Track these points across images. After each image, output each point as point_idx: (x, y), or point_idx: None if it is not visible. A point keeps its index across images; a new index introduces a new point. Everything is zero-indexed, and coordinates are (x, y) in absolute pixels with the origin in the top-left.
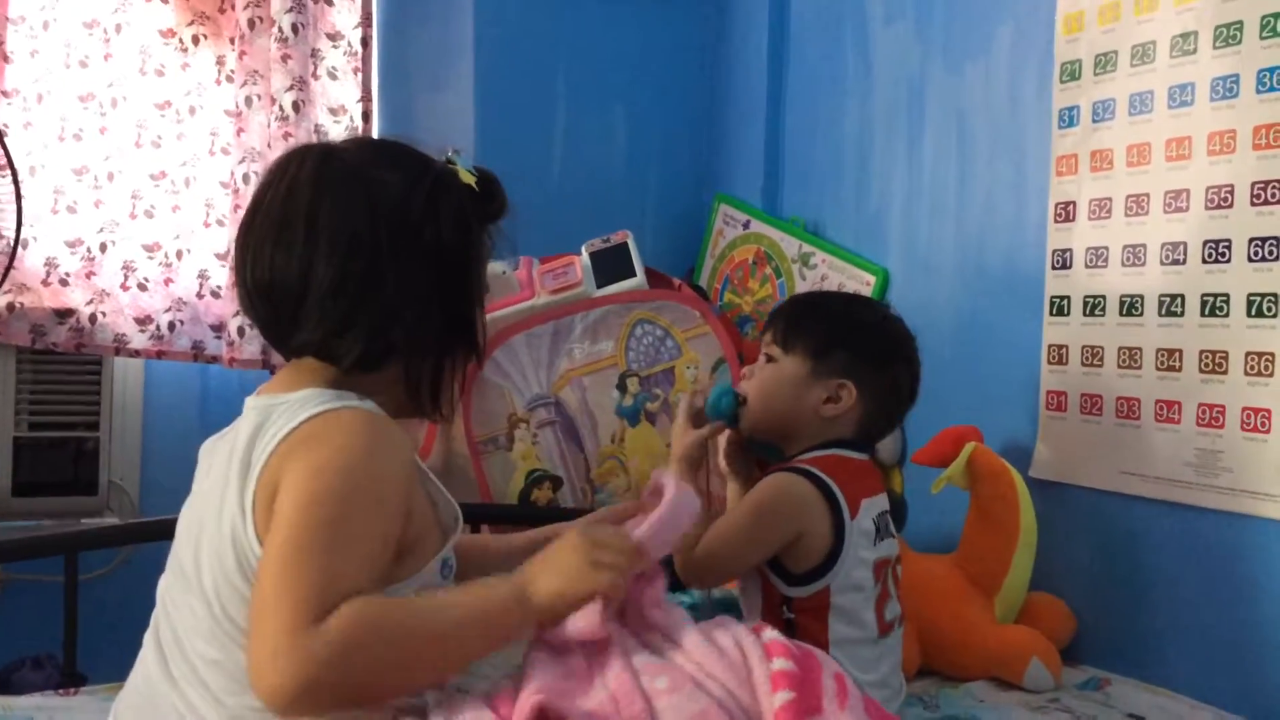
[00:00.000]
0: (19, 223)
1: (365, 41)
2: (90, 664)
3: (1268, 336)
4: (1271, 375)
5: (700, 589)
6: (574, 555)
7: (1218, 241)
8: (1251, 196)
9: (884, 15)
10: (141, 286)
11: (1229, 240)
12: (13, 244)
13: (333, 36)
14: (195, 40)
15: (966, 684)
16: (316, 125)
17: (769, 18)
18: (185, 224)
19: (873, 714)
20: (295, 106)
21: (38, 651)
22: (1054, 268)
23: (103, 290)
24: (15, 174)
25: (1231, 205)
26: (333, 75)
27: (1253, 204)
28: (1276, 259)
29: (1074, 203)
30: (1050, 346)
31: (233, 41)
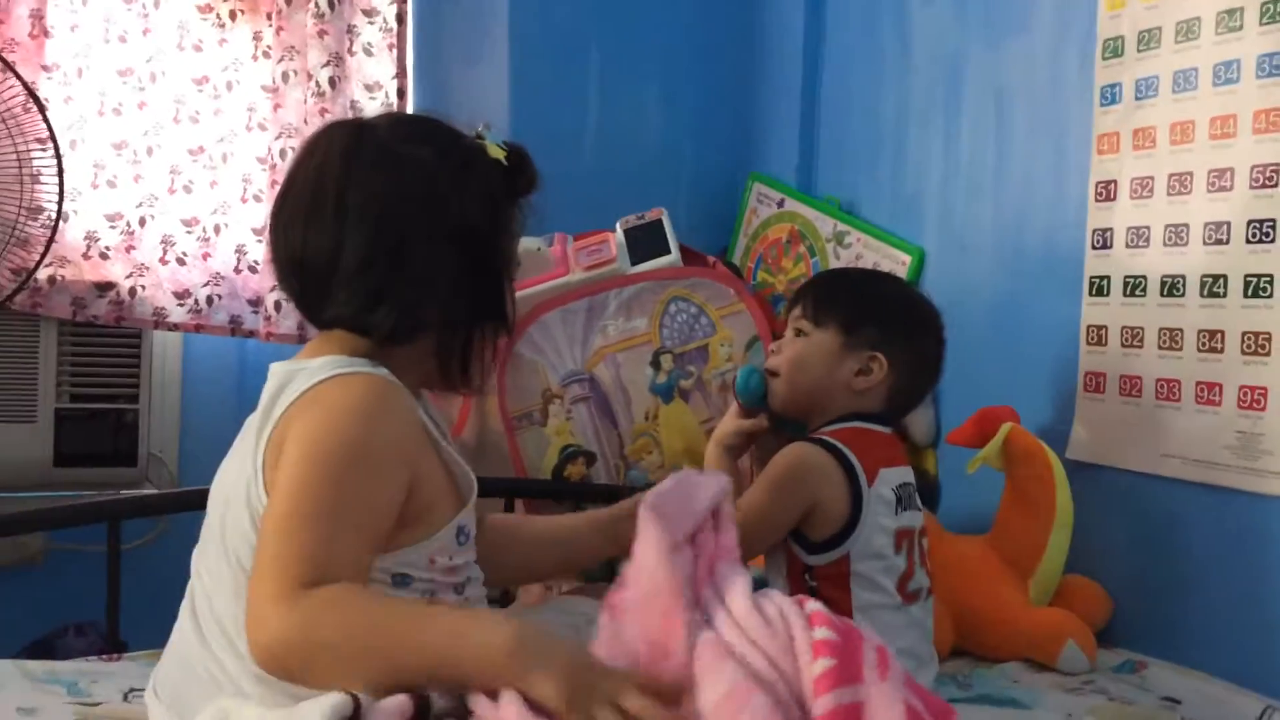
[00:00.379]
0: (60, 196)
1: (400, 18)
2: (131, 631)
3: None
4: None
5: None
6: (592, 681)
7: (1262, 221)
8: None
9: None
10: (180, 261)
11: (1273, 220)
12: (55, 217)
13: (368, 13)
14: (233, 15)
15: (1001, 665)
16: (352, 101)
17: None
18: (223, 199)
19: (914, 690)
20: (331, 82)
21: (80, 619)
22: (1094, 247)
23: (142, 264)
24: (57, 147)
25: (1276, 185)
26: (368, 51)
27: None
28: None
29: (1115, 181)
30: (1089, 327)
31: (269, 17)
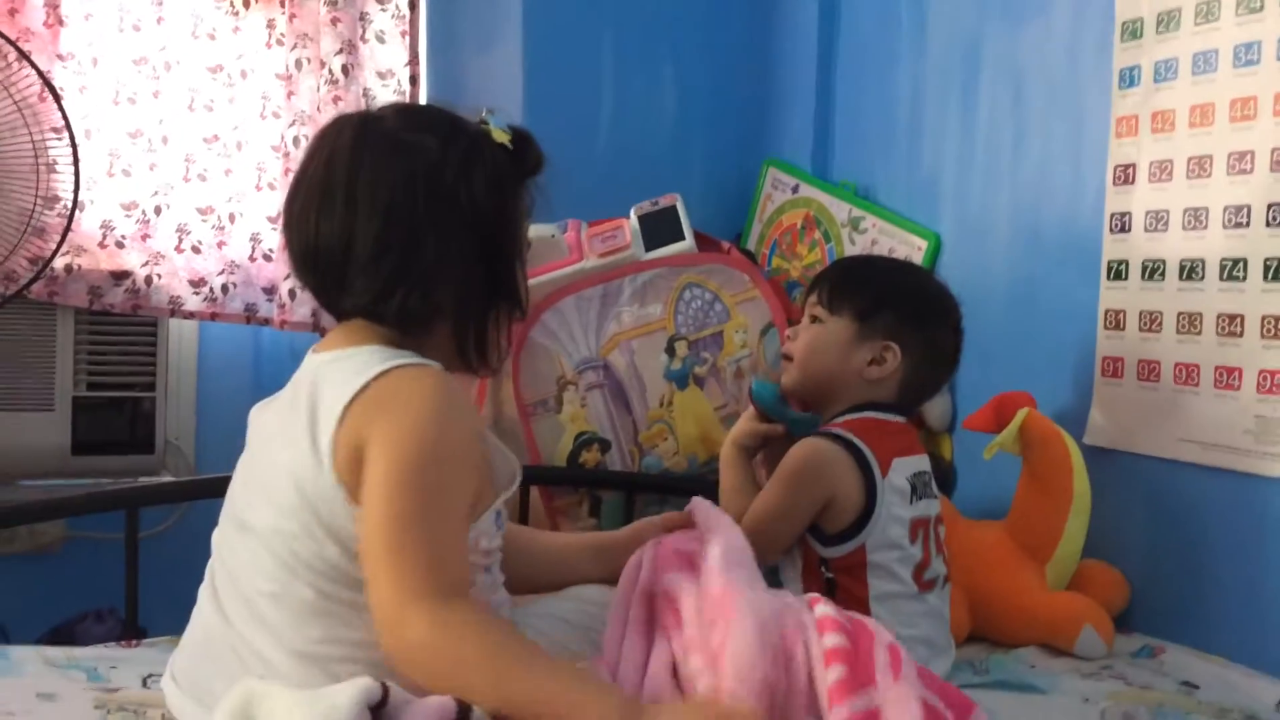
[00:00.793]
0: (76, 184)
1: (413, 4)
2: (149, 617)
3: None
4: None
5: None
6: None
7: None
8: None
9: None
10: (195, 249)
11: None
12: (71, 206)
13: (381, 0)
14: (246, 3)
15: (1017, 650)
16: (365, 89)
17: None
18: (237, 187)
19: (928, 683)
20: (344, 70)
21: (99, 605)
22: (1112, 231)
23: (158, 253)
24: (73, 136)
25: None
26: (381, 39)
27: None
28: None
29: (1134, 165)
30: (1107, 312)
31: (282, 4)
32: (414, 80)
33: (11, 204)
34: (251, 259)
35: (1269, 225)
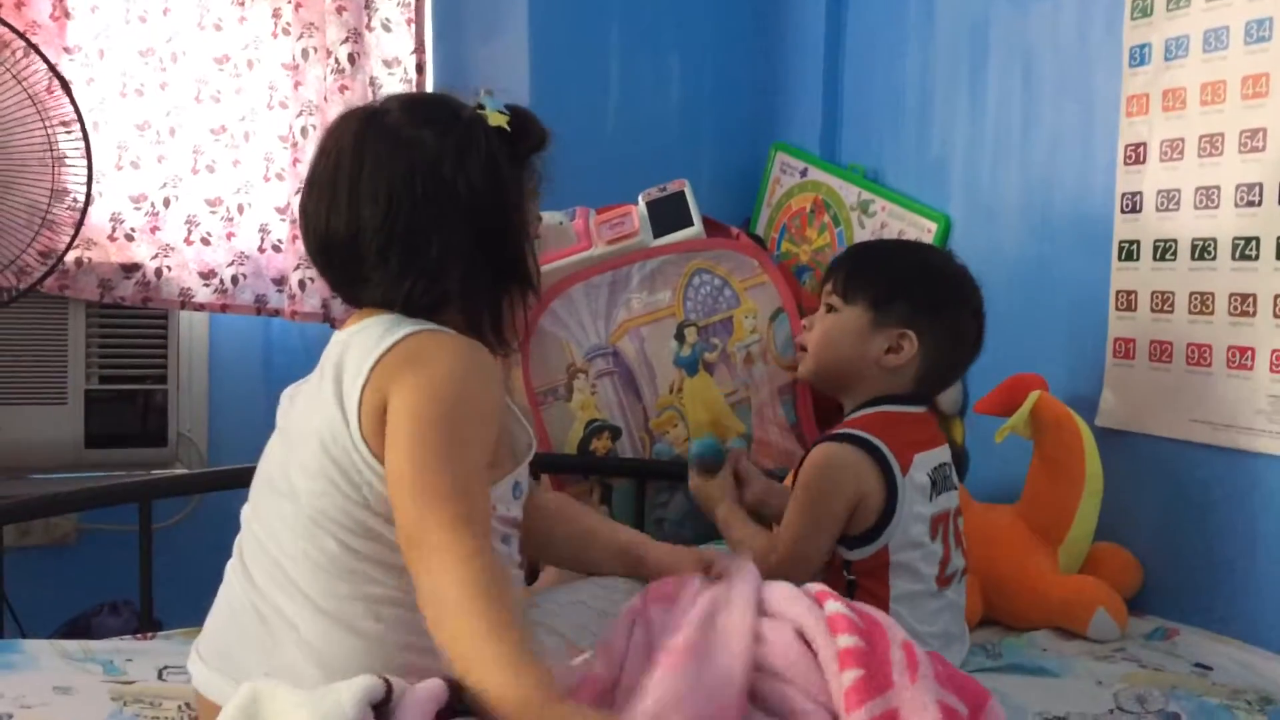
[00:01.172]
0: (89, 178)
1: None
2: (164, 609)
3: None
4: None
5: None
6: None
7: None
8: None
9: None
10: (204, 241)
11: None
12: (84, 199)
13: None
14: None
15: (1030, 633)
16: (372, 77)
17: None
18: (245, 178)
19: (943, 680)
20: (350, 59)
21: (114, 598)
22: (1123, 211)
23: (167, 245)
24: (84, 128)
25: None
26: (386, 27)
27: None
28: None
29: (1145, 144)
30: (1118, 292)
31: None
32: (420, 68)
33: (22, 198)
34: (261, 250)
35: None
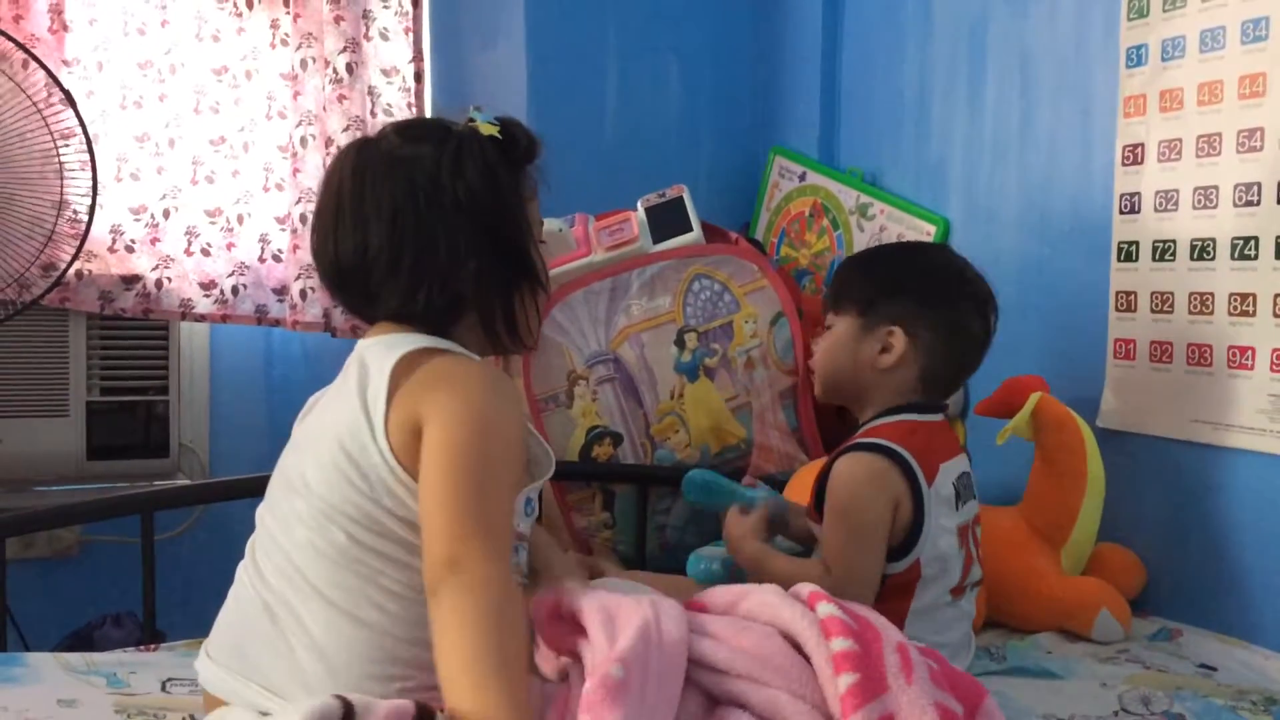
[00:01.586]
0: (94, 189)
1: (416, 1)
2: (167, 620)
3: None
4: None
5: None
6: None
7: None
8: None
9: None
10: (205, 252)
11: None
12: (89, 210)
13: None
14: (249, 4)
15: (1034, 635)
16: (370, 87)
17: None
18: (245, 188)
19: (940, 680)
20: (349, 68)
21: (117, 610)
22: (1122, 212)
23: (167, 256)
24: (89, 139)
25: None
26: (384, 36)
27: None
28: None
29: (1142, 144)
30: (1118, 293)
31: (286, 4)
32: (419, 77)
33: (24, 211)
34: (261, 260)
35: None
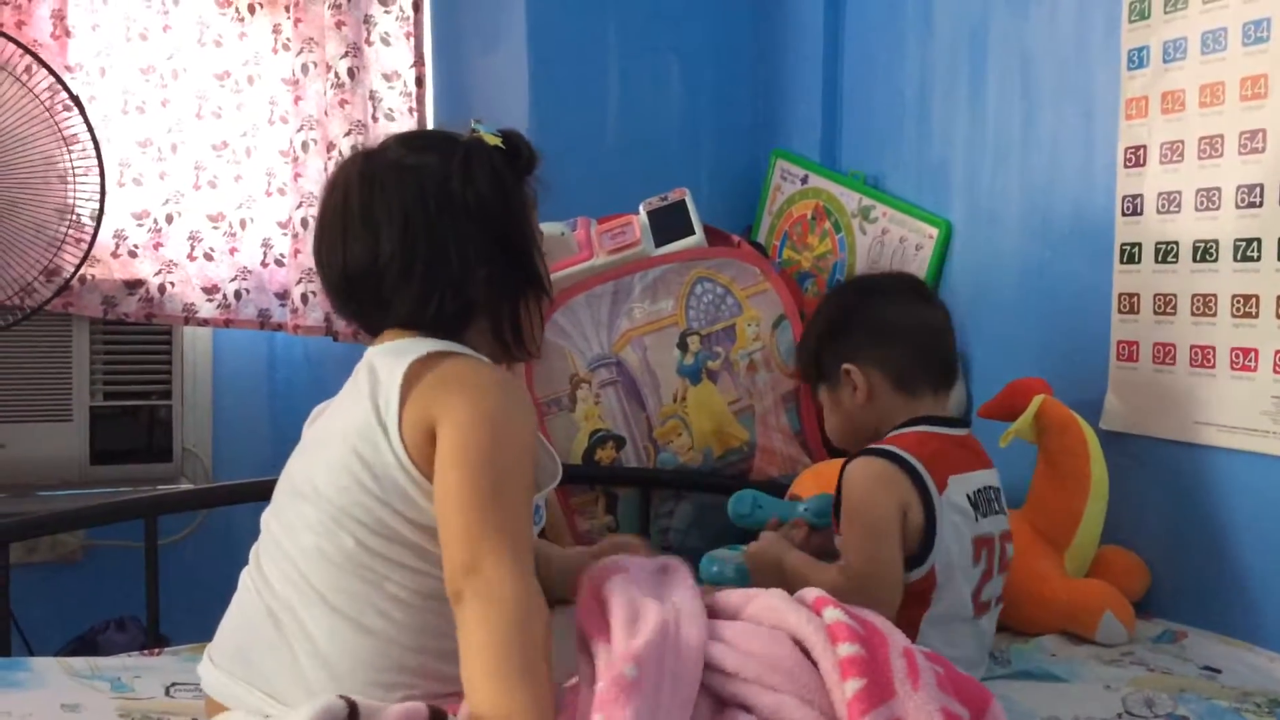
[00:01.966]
0: (102, 194)
1: (417, 6)
2: (170, 625)
3: None
4: None
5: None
6: None
7: None
8: None
9: None
10: (208, 256)
11: None
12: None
13: (385, 2)
14: (251, 9)
15: (1038, 638)
16: (371, 91)
17: None
18: (247, 193)
19: (945, 684)
20: (350, 73)
21: (121, 614)
22: (1124, 214)
23: (170, 261)
24: (97, 143)
25: None
26: (386, 41)
27: None
28: None
29: (1144, 146)
30: (1121, 295)
31: (287, 9)
32: (420, 82)
33: (29, 217)
34: (264, 264)
35: None
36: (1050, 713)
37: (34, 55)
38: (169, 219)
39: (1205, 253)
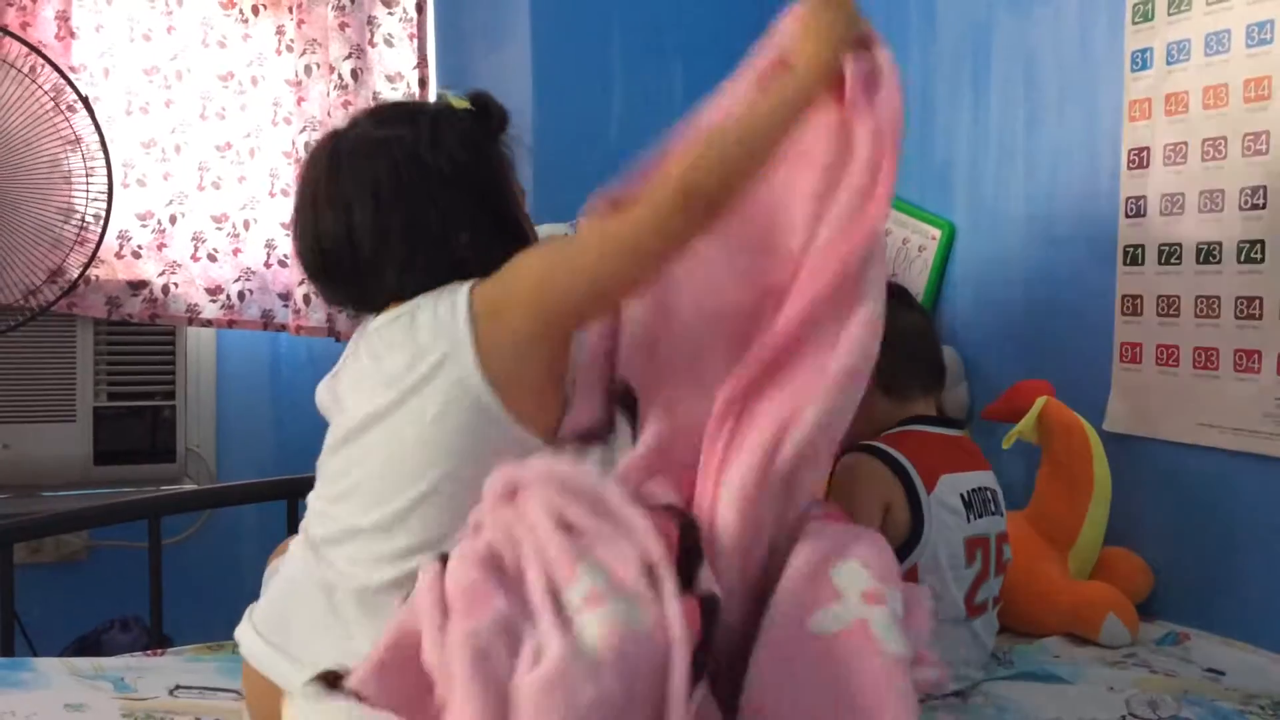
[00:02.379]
0: (110, 194)
1: (420, 7)
2: (173, 625)
3: None
4: None
5: None
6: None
7: None
8: None
9: None
10: (211, 257)
11: None
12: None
13: (388, 3)
14: (255, 10)
15: (1041, 640)
16: (375, 93)
17: None
18: (251, 194)
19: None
20: (354, 74)
21: (124, 614)
22: (1128, 216)
23: (174, 262)
24: (105, 144)
25: None
26: (389, 42)
27: None
28: None
29: (1148, 148)
30: (1124, 297)
31: (291, 10)
32: (423, 83)
33: (33, 217)
34: (267, 265)
35: None
36: (1053, 715)
37: (43, 55)
38: (173, 220)
39: (1209, 254)
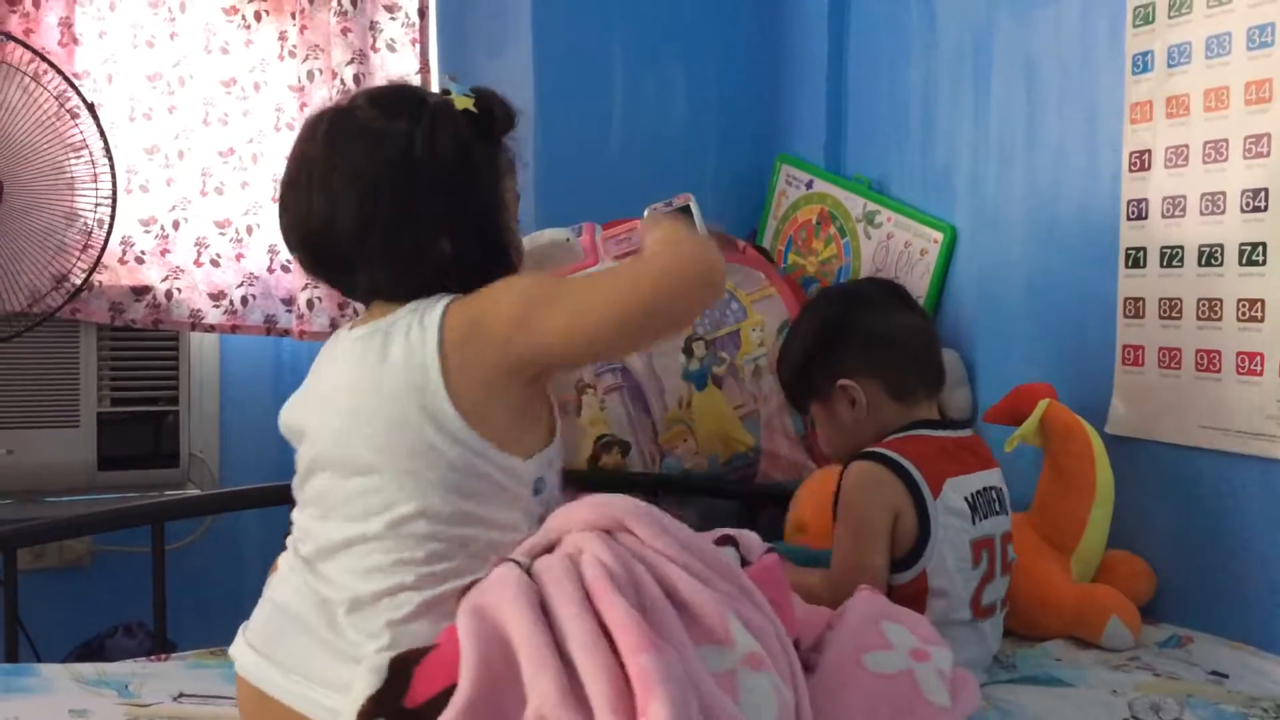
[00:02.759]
0: (114, 199)
1: (422, 12)
2: (177, 630)
3: None
4: None
5: None
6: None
7: None
8: None
9: None
10: (214, 263)
11: None
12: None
13: (390, 8)
14: (258, 16)
15: (1044, 643)
16: None
17: None
18: (254, 199)
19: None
20: (356, 80)
21: (128, 620)
22: (1129, 218)
23: (177, 267)
24: (109, 150)
25: None
26: (391, 48)
27: None
28: None
29: (1149, 151)
30: (1126, 300)
31: (294, 16)
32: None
33: (37, 223)
34: (270, 270)
35: None
36: (1057, 718)
37: (48, 61)
38: (176, 225)
39: (1210, 257)
